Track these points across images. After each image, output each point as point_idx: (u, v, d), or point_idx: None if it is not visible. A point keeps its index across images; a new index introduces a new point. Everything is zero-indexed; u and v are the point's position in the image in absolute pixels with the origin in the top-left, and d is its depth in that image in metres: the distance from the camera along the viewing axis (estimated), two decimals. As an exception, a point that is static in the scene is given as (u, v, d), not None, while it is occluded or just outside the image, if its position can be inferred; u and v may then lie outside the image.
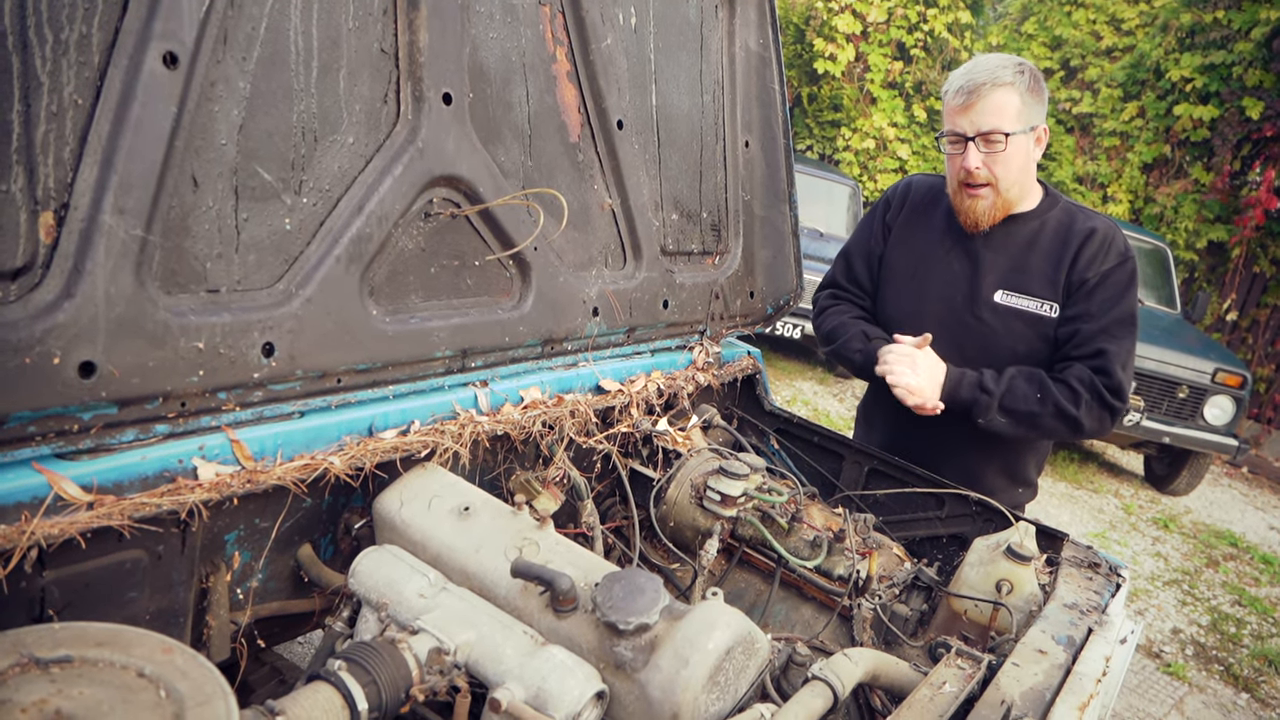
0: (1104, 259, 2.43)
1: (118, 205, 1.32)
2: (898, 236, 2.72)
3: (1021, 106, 2.35)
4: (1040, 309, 2.48)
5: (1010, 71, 2.34)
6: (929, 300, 2.60)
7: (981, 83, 2.33)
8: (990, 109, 2.34)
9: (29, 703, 1.01)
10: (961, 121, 2.39)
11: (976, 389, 2.40)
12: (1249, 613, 6.02)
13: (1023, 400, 2.38)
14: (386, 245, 1.74)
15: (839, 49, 13.81)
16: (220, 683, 1.11)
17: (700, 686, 1.41)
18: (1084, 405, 2.36)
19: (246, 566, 1.67)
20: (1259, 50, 10.12)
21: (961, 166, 2.42)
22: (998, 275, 2.52)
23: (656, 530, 2.29)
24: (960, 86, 2.37)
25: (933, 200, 2.69)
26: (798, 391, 8.94)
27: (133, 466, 1.40)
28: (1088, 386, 2.36)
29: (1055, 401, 2.36)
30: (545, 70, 2.04)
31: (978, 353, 2.51)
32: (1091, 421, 2.38)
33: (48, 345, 1.27)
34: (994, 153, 2.38)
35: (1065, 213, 2.53)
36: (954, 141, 2.43)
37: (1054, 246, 2.48)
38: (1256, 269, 10.66)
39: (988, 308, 2.52)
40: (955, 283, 2.57)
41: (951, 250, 2.59)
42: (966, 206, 2.49)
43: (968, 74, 2.38)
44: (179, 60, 1.37)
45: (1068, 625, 1.81)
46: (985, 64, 2.38)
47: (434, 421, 1.87)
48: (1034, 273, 2.49)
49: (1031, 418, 2.39)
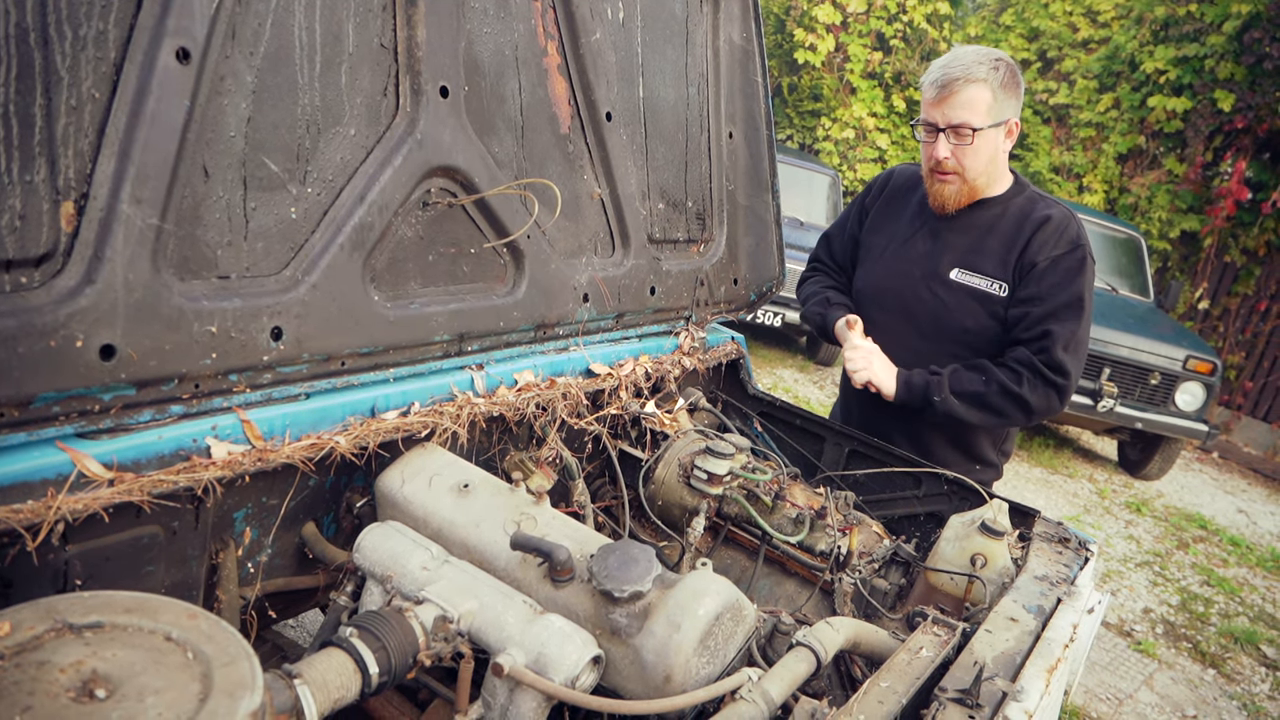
0: (1055, 245, 2.55)
1: (135, 195, 1.38)
2: (874, 221, 2.89)
3: (993, 102, 2.46)
4: (990, 287, 2.61)
5: (985, 68, 2.44)
6: (892, 275, 2.77)
7: (955, 78, 2.44)
8: (961, 104, 2.45)
9: (66, 664, 1.07)
10: (934, 113, 2.51)
11: (926, 373, 2.59)
12: (1217, 592, 6.17)
13: (968, 382, 2.54)
14: (387, 233, 1.81)
15: (819, 39, 13.89)
16: (244, 645, 1.17)
17: (691, 650, 1.49)
18: (1026, 383, 2.51)
19: (255, 543, 1.74)
20: (1230, 43, 10.27)
21: (932, 154, 2.56)
22: (955, 254, 2.67)
23: (645, 509, 2.37)
24: (935, 80, 2.48)
25: (911, 187, 2.85)
26: (779, 379, 9.04)
27: (150, 445, 1.46)
28: (1027, 365, 2.51)
29: (999, 381, 2.52)
30: (537, 64, 2.11)
31: (929, 324, 2.68)
32: (1038, 399, 2.52)
33: (71, 329, 1.32)
34: (962, 145, 2.51)
35: (1028, 200, 2.66)
36: (927, 130, 2.57)
37: (1010, 230, 2.61)
38: (1227, 258, 10.85)
39: (941, 283, 2.67)
40: (917, 260, 2.72)
41: (919, 231, 2.75)
42: (935, 190, 2.64)
43: (944, 67, 2.48)
44: (191, 56, 1.42)
45: (1038, 595, 1.90)
46: (962, 59, 2.47)
47: (433, 403, 1.94)
48: (988, 253, 2.63)
49: (979, 398, 2.54)
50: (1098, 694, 4.58)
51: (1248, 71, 10.19)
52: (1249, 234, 10.54)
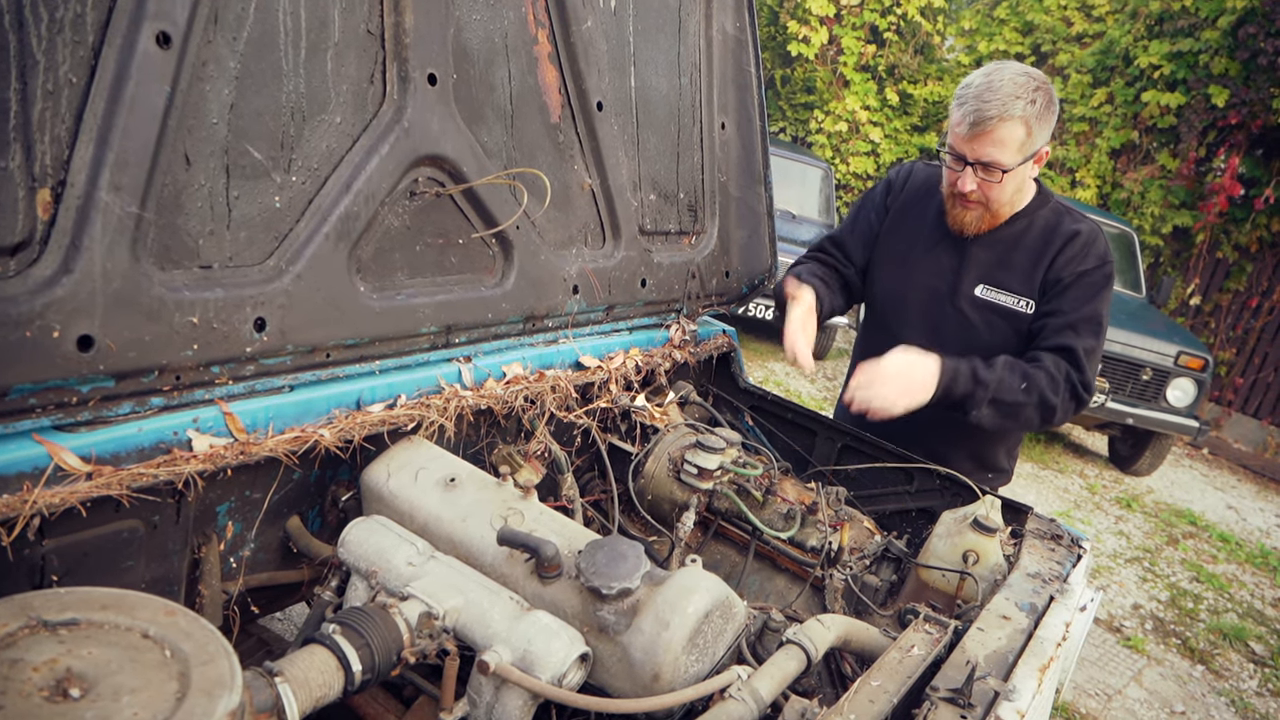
0: (1082, 260, 2.47)
1: (113, 182, 1.35)
2: (893, 222, 2.76)
3: (1025, 139, 2.31)
4: (1017, 305, 2.53)
5: (1022, 103, 2.27)
6: (914, 287, 2.66)
7: (990, 116, 2.27)
8: (993, 143, 2.31)
9: (40, 662, 1.05)
10: (963, 147, 2.36)
11: (971, 382, 2.35)
12: (1206, 589, 6.18)
13: (1009, 391, 2.36)
14: (373, 223, 1.78)
15: (812, 31, 13.86)
16: (222, 643, 1.15)
17: (680, 648, 1.47)
18: (1061, 393, 2.39)
19: (238, 537, 1.71)
20: (1225, 38, 10.26)
21: (956, 183, 2.42)
22: (980, 271, 2.57)
23: (635, 503, 2.35)
24: (968, 113, 2.31)
25: (929, 192, 2.71)
26: (770, 373, 9.03)
27: (130, 438, 1.44)
28: (1064, 376, 2.40)
29: (1040, 392, 2.37)
30: (527, 52, 2.08)
31: (954, 341, 2.55)
32: (1063, 413, 2.43)
33: (47, 319, 1.30)
34: (990, 180, 2.38)
35: (1054, 213, 2.56)
36: (953, 156, 2.41)
37: (1037, 245, 2.52)
38: (1219, 254, 10.86)
39: (967, 301, 2.57)
40: (940, 274, 2.62)
41: (940, 242, 2.63)
42: (956, 214, 2.52)
43: (978, 99, 2.29)
44: (172, 40, 1.39)
45: (1030, 593, 1.89)
46: (998, 91, 2.28)
47: (420, 396, 1.91)
48: (1015, 270, 2.54)
49: (1016, 409, 2.39)
50: (1087, 690, 4.58)
51: (1242, 67, 10.18)
52: (1241, 230, 10.55)
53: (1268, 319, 10.55)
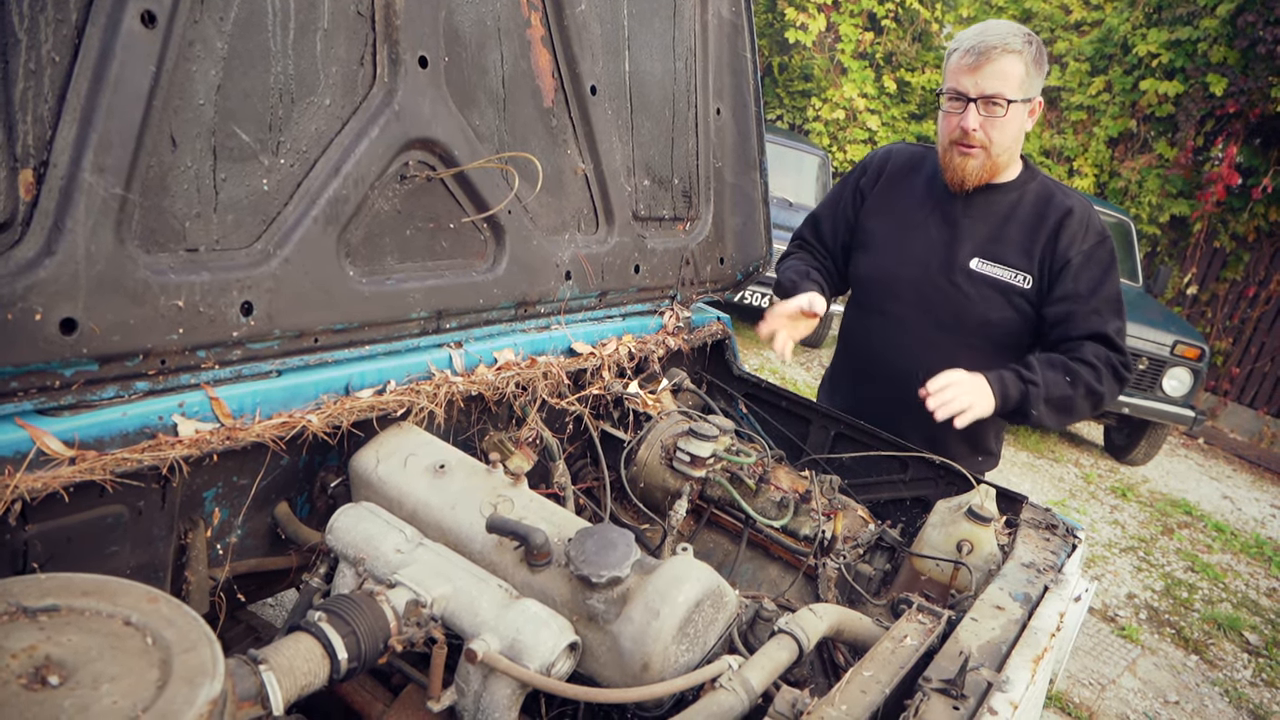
0: (1084, 238, 2.48)
1: (97, 163, 1.33)
2: (875, 204, 2.75)
3: (1025, 76, 2.36)
4: (1014, 279, 2.52)
5: (1020, 40, 2.35)
6: (906, 264, 2.64)
7: (992, 45, 2.33)
8: (997, 73, 2.34)
9: (19, 649, 1.03)
10: (965, 81, 2.39)
11: (1020, 382, 2.38)
12: (1200, 578, 6.19)
13: (1056, 386, 2.41)
14: (363, 207, 1.76)
15: (810, 18, 13.78)
16: (205, 630, 1.13)
17: (670, 638, 1.46)
18: (1105, 380, 2.43)
19: (225, 523, 1.70)
20: (1224, 27, 10.22)
21: (959, 125, 2.43)
22: (975, 243, 2.56)
23: (627, 491, 2.33)
24: (970, 47, 2.37)
25: (914, 168, 2.72)
26: (765, 360, 9.02)
27: (114, 423, 1.42)
28: (1104, 362, 2.43)
29: (1086, 382, 2.41)
30: (520, 35, 2.05)
31: (948, 315, 2.56)
32: (1110, 396, 2.46)
33: (29, 301, 1.28)
34: (993, 116, 2.40)
35: (1043, 186, 2.57)
36: (954, 99, 2.44)
37: (1031, 219, 2.53)
38: (1217, 244, 10.86)
39: (963, 274, 2.56)
40: (933, 248, 2.60)
41: (930, 216, 2.63)
42: (956, 164, 2.50)
43: (979, 35, 2.38)
44: (157, 19, 1.37)
45: (1025, 583, 1.88)
46: (997, 28, 2.38)
47: (409, 381, 1.89)
48: (1010, 243, 2.53)
49: (1067, 402, 2.43)
50: (1080, 679, 4.59)
51: (1240, 55, 10.15)
52: (1239, 219, 10.53)
53: (1264, 308, 10.55)
